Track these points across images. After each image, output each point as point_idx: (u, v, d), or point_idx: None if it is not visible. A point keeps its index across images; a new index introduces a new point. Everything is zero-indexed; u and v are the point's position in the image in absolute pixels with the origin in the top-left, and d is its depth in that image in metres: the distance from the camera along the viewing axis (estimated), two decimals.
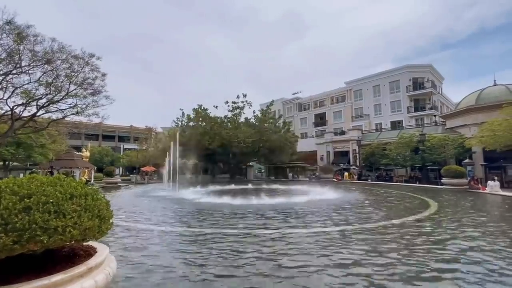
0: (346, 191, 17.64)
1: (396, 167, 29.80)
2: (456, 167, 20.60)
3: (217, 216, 8.70)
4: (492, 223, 7.49)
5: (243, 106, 32.10)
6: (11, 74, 17.17)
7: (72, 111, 20.11)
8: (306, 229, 6.69)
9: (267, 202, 11.98)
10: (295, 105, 57.83)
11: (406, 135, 27.95)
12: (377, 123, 44.25)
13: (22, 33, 16.08)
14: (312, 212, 9.22)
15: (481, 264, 4.15)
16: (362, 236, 5.89)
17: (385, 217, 8.36)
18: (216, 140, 28.41)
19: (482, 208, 10.53)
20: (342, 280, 3.56)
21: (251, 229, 6.69)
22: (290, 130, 37.21)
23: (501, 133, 17.82)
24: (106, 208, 2.59)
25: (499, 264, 4.16)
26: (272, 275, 3.72)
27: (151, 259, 4.37)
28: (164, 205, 11.87)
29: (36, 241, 1.99)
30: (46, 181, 2.37)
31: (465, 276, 3.70)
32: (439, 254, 4.64)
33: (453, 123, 28.04)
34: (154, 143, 48.91)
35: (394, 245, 5.20)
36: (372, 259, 4.34)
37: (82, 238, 2.32)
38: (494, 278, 3.63)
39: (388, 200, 13.10)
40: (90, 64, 18.93)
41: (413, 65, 42.57)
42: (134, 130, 60.44)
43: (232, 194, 15.55)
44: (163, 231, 6.66)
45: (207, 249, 4.99)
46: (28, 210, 2.04)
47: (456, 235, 5.98)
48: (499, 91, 25.12)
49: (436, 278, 3.66)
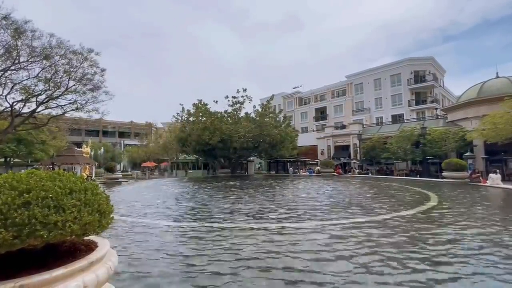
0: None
1: (396, 161, 29.79)
2: (457, 160, 20.57)
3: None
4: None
5: (243, 101, 31.93)
6: (9, 70, 17.09)
7: (72, 107, 20.09)
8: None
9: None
10: (296, 99, 57.59)
11: (407, 128, 27.86)
12: (378, 117, 44.08)
13: (19, 28, 15.94)
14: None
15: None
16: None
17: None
18: (216, 135, 28.34)
19: (488, 202, 10.54)
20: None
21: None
22: (291, 124, 37.08)
23: (503, 126, 17.74)
24: (106, 202, 2.57)
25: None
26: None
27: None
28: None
29: (36, 236, 1.98)
30: (45, 176, 2.35)
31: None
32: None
33: (455, 116, 27.90)
34: (154, 138, 48.97)
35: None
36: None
37: (83, 232, 2.30)
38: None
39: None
40: (89, 60, 18.82)
41: (414, 58, 42.17)
42: (134, 126, 60.43)
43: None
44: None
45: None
46: (28, 205, 2.03)
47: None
48: (502, 83, 24.91)
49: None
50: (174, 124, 38.93)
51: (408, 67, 41.41)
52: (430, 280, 3.36)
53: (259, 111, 32.70)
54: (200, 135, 29.18)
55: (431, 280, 3.36)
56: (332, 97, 51.86)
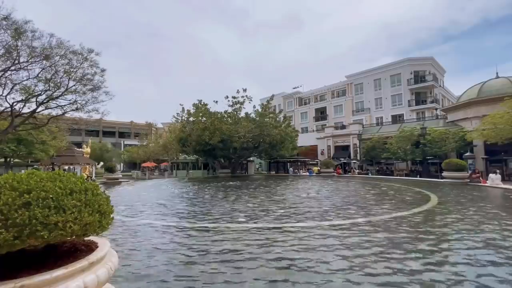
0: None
1: (396, 161, 29.78)
2: (457, 160, 20.56)
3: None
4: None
5: (243, 101, 31.93)
6: (9, 70, 17.08)
7: (72, 107, 20.07)
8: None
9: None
10: (296, 99, 57.59)
11: (407, 128, 27.86)
12: (378, 117, 44.09)
13: (20, 28, 15.93)
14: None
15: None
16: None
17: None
18: (216, 135, 28.35)
19: (490, 201, 10.55)
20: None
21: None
22: (291, 124, 37.08)
23: (503, 126, 17.74)
24: (107, 203, 2.58)
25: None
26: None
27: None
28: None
29: (36, 236, 1.98)
30: (45, 176, 2.35)
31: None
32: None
33: (455, 117, 27.91)
34: (154, 138, 48.99)
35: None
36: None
37: (83, 233, 2.31)
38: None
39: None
40: (89, 60, 18.80)
41: (414, 58, 42.17)
42: (134, 126, 60.44)
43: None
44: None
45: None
46: (28, 206, 2.03)
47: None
48: (502, 83, 24.91)
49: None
50: (174, 124, 38.94)
51: (408, 67, 41.41)
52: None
53: (259, 111, 32.72)
54: (200, 135, 29.19)
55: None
56: (332, 97, 51.87)
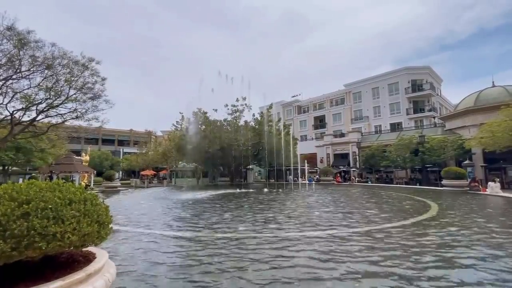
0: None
1: (396, 168, 29.77)
2: (456, 168, 20.58)
3: None
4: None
5: (242, 109, 32.14)
6: (11, 79, 17.19)
7: (72, 116, 20.07)
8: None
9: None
10: (295, 107, 57.93)
11: (405, 136, 27.97)
12: (377, 125, 44.30)
13: (23, 39, 16.12)
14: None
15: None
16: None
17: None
18: (216, 143, 28.39)
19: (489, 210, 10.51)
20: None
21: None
22: (290, 132, 37.18)
23: (500, 134, 17.84)
24: (106, 213, 2.57)
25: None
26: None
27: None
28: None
29: (34, 247, 1.97)
30: (45, 186, 2.35)
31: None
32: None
33: (453, 125, 28.07)
34: (154, 146, 48.90)
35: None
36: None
37: (81, 244, 2.30)
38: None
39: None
40: (90, 69, 18.93)
41: (411, 67, 42.74)
42: (134, 134, 60.41)
43: None
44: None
45: None
46: (27, 216, 2.03)
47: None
48: (498, 92, 25.21)
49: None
50: (173, 132, 38.99)
51: (406, 76, 41.91)
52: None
53: (258, 119, 32.86)
54: (199, 143, 29.22)
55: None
56: (331, 105, 52.20)
